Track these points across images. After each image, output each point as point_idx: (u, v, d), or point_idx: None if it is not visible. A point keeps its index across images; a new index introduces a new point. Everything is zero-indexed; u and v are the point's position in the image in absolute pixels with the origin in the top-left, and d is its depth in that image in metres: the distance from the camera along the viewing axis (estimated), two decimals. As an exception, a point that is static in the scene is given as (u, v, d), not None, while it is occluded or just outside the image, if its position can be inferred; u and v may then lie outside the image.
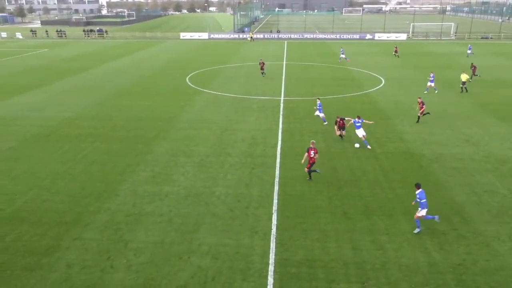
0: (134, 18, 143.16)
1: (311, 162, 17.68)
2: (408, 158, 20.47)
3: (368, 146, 21.80)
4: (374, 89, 36.12)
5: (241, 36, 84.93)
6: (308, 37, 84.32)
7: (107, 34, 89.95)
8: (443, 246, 13.31)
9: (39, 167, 19.59)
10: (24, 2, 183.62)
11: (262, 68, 41.60)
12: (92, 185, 17.75)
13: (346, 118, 22.76)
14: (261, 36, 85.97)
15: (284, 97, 33.17)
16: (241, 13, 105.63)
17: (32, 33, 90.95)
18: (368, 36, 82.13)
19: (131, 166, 19.69)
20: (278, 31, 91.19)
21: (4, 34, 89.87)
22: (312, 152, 17.52)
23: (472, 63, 39.78)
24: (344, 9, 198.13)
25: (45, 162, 20.19)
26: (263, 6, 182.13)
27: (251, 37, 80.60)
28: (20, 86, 38.00)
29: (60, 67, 49.00)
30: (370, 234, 14.00)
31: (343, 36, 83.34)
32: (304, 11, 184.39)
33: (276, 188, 17.43)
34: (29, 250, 13.25)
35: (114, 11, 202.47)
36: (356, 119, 22.05)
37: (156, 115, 28.17)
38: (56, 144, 22.58)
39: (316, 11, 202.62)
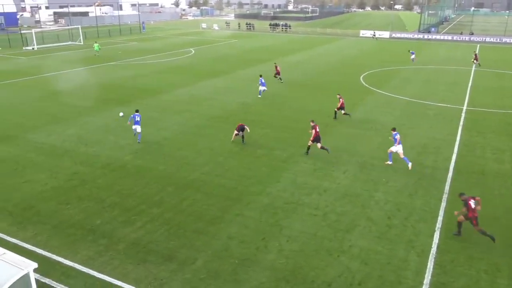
0: (317, 14, 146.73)
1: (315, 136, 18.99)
2: None
3: (409, 164, 18.66)
4: None
5: (426, 36, 79.25)
6: (508, 41, 73.67)
7: (290, 28, 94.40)
8: None
9: (217, 144, 21.92)
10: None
11: (278, 73, 37.05)
12: (257, 168, 19.06)
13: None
14: (449, 37, 78.68)
15: (467, 106, 29.84)
16: (430, 12, 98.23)
17: (226, 25, 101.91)
18: None
19: (295, 156, 20.45)
20: (471, 33, 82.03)
21: (204, 25, 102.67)
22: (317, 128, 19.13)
23: None
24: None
25: (222, 141, 22.49)
26: (456, 5, 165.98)
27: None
28: (212, 71, 42.90)
29: (245, 57, 53.57)
30: (557, 281, 11.69)
31: (555, 43, 70.34)
32: (507, 12, 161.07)
33: (443, 204, 15.92)
34: (200, 216, 15.00)
35: (299, 7, 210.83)
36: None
37: (325, 110, 28.49)
38: (232, 127, 24.75)
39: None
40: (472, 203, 13.11)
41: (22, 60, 50.69)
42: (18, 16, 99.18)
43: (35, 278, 9.87)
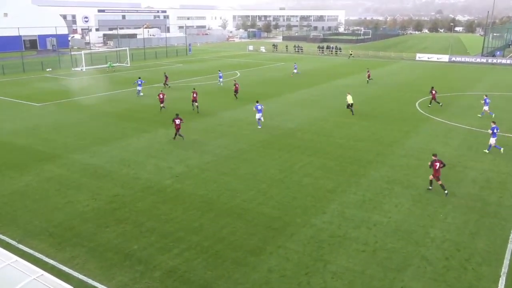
0: (370, 36, 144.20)
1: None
2: None
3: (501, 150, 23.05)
4: None
5: (490, 61, 74.98)
6: None
7: (340, 51, 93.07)
8: None
9: (260, 170, 21.22)
10: (272, 19, 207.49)
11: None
12: (302, 197, 18.11)
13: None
14: (514, 62, 74.19)
15: (535, 136, 27.38)
16: (494, 34, 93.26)
17: (274, 47, 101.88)
18: None
19: (342, 186, 19.32)
20: (538, 57, 76.95)
21: (251, 47, 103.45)
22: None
23: None
24: None
25: (265, 167, 21.76)
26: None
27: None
28: (257, 94, 42.24)
29: (291, 81, 52.86)
30: None
31: None
32: None
33: (510, 246, 14.23)
34: (240, 245, 14.26)
35: (351, 29, 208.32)
36: None
37: (377, 137, 27.13)
38: (277, 152, 24.11)
39: None
40: (177, 121, 24.89)
41: (70, 81, 52.67)
42: (69, 38, 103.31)
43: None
